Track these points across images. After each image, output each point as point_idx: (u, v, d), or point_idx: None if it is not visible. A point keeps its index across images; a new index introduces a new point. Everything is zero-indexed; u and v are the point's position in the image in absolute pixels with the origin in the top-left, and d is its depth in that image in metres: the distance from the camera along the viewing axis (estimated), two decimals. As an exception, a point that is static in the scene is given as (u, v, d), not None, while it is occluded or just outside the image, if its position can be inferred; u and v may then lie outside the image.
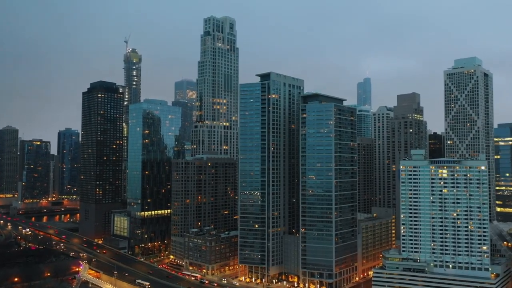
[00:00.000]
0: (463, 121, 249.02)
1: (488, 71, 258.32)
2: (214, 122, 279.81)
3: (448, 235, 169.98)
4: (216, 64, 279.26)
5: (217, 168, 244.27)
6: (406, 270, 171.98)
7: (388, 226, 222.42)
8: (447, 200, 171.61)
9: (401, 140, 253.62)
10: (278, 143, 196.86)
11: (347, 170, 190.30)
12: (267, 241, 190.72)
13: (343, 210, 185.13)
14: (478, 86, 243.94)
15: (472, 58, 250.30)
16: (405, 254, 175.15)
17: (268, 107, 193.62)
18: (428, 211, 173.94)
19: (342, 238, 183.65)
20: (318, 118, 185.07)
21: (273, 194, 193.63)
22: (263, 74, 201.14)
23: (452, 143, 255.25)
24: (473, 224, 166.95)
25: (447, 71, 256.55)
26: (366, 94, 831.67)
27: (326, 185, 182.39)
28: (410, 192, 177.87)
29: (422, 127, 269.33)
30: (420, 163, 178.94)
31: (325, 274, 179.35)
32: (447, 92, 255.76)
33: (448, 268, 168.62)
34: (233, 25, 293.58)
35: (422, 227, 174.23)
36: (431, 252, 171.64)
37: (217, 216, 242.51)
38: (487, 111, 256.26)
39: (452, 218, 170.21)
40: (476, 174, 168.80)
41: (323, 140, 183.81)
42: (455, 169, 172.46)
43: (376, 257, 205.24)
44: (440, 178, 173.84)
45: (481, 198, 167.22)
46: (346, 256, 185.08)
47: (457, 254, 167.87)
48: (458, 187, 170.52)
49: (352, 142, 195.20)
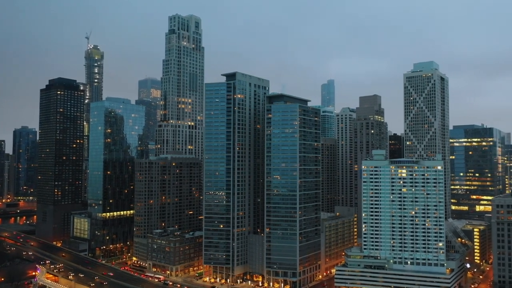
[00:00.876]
0: (421, 122, 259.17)
1: (444, 75, 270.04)
2: (179, 122, 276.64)
3: (406, 233, 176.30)
4: (181, 62, 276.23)
5: (182, 168, 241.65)
6: (367, 267, 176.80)
7: (350, 225, 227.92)
8: (406, 199, 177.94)
9: (363, 140, 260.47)
10: (243, 143, 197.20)
11: (311, 170, 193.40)
12: (232, 241, 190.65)
13: (307, 209, 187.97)
14: (435, 90, 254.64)
15: (429, 62, 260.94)
16: (366, 252, 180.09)
17: (234, 107, 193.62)
18: (388, 210, 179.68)
19: (306, 237, 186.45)
20: (283, 118, 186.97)
21: (238, 194, 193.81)
22: (228, 74, 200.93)
23: (411, 144, 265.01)
24: (430, 221, 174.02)
25: (406, 74, 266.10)
26: (330, 95, 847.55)
27: (291, 185, 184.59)
28: (371, 191, 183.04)
29: (383, 128, 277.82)
30: (381, 163, 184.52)
31: (289, 273, 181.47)
32: (407, 94, 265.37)
33: (407, 264, 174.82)
34: (198, 24, 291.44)
35: (382, 225, 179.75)
36: (391, 249, 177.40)
37: (182, 217, 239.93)
38: (443, 113, 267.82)
39: (411, 216, 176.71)
40: (433, 173, 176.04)
41: (288, 140, 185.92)
42: (413, 169, 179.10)
43: (338, 255, 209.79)
44: (399, 177, 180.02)
45: (437, 197, 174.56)
46: (309, 255, 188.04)
47: (415, 251, 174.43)
48: (416, 186, 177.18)
49: (316, 143, 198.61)
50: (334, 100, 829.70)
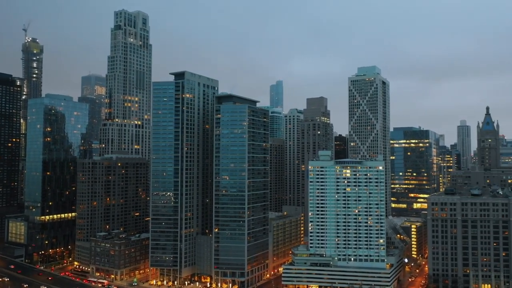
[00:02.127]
0: (364, 124, 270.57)
1: (386, 79, 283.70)
2: (125, 121, 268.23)
3: (350, 231, 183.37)
4: (127, 59, 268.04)
5: (128, 168, 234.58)
6: (313, 265, 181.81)
7: (298, 224, 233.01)
8: (350, 198, 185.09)
9: (310, 141, 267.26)
10: (192, 143, 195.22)
11: (259, 170, 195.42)
12: (180, 242, 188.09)
13: (255, 209, 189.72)
14: (377, 93, 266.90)
15: (372, 67, 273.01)
16: (313, 250, 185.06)
17: (182, 107, 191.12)
18: (333, 209, 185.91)
19: (254, 237, 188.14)
20: (232, 119, 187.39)
21: (187, 194, 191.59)
22: (177, 72, 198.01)
23: (354, 144, 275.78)
24: (372, 219, 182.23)
25: (351, 78, 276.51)
26: (279, 96, 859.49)
27: (239, 185, 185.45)
28: (318, 191, 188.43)
29: (329, 130, 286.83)
30: (327, 163, 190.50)
31: (238, 273, 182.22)
32: (351, 97, 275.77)
33: (350, 261, 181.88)
34: (146, 21, 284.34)
35: (328, 224, 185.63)
36: (336, 246, 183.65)
37: (127, 219, 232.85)
38: (385, 116, 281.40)
39: (354, 215, 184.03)
40: (374, 173, 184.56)
41: (237, 141, 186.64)
42: (357, 169, 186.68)
43: (286, 254, 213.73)
44: (344, 177, 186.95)
45: (378, 196, 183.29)
46: (258, 254, 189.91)
47: (358, 248, 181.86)
48: (359, 186, 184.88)
49: (265, 143, 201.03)
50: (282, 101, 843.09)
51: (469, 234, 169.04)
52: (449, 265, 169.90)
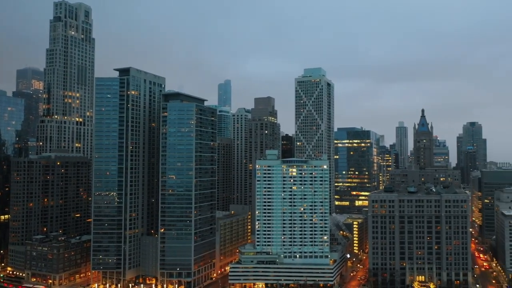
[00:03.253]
0: (310, 124, 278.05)
1: (331, 81, 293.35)
2: (65, 117, 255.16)
3: (296, 228, 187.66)
4: (68, 53, 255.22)
5: (68, 167, 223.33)
6: (260, 263, 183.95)
7: (245, 222, 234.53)
8: (296, 196, 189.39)
9: (257, 140, 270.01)
10: (137, 141, 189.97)
11: (207, 169, 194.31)
12: (124, 244, 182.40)
13: (202, 208, 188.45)
14: (322, 94, 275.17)
15: (318, 68, 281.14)
16: (259, 248, 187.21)
17: (127, 104, 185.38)
18: (280, 207, 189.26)
19: (201, 236, 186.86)
20: (179, 117, 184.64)
21: (131, 194, 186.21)
22: (122, 68, 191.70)
23: (300, 144, 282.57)
24: (316, 217, 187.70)
25: (297, 78, 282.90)
26: (227, 95, 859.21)
27: (186, 184, 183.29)
28: (265, 190, 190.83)
29: (276, 129, 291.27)
30: (274, 162, 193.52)
31: (184, 273, 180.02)
32: (298, 98, 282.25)
33: (296, 258, 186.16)
34: (88, 13, 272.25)
35: (274, 222, 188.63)
36: (282, 244, 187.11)
37: (67, 220, 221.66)
38: (329, 116, 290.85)
39: (300, 213, 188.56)
40: (319, 172, 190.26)
41: (184, 140, 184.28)
42: (303, 168, 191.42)
43: (233, 253, 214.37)
44: (290, 176, 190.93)
45: (323, 194, 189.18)
46: (204, 254, 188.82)
47: (303, 245, 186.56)
48: (305, 184, 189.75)
49: (213, 142, 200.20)
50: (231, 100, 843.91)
51: (406, 229, 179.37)
52: (388, 259, 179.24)
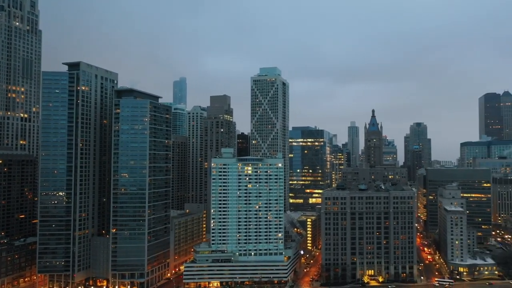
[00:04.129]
0: (266, 123, 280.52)
1: (286, 80, 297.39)
2: (8, 113, 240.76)
3: (251, 226, 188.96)
4: (12, 45, 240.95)
5: (12, 166, 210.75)
6: (215, 261, 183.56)
7: (200, 221, 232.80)
8: (251, 194, 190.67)
9: (213, 139, 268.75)
10: (87, 139, 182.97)
11: (161, 167, 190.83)
12: (73, 245, 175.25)
13: (156, 207, 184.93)
14: (278, 93, 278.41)
15: (273, 68, 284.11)
16: (215, 247, 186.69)
17: (77, 100, 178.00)
18: (235, 205, 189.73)
19: (155, 236, 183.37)
20: (132, 114, 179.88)
21: (81, 194, 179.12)
22: (71, 63, 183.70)
23: (256, 142, 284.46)
24: (271, 214, 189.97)
25: (253, 77, 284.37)
26: (182, 93, 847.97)
27: (140, 183, 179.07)
28: (220, 188, 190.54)
29: (232, 127, 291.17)
30: (229, 160, 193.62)
31: (137, 274, 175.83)
32: (253, 96, 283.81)
33: (251, 255, 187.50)
34: (35, 3, 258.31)
35: (229, 220, 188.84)
36: (237, 242, 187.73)
37: (10, 222, 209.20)
38: (284, 115, 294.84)
39: (255, 210, 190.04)
40: (274, 170, 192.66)
41: (137, 137, 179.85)
42: (258, 166, 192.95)
43: (188, 252, 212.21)
44: (246, 174, 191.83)
45: (278, 192, 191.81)
46: (158, 254, 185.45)
47: (258, 242, 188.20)
48: (260, 182, 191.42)
49: (167, 140, 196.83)
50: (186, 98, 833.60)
51: (357, 225, 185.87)
52: (339, 254, 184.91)
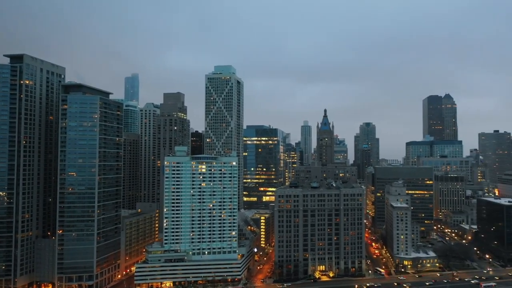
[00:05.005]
0: (220, 121, 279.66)
1: (240, 79, 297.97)
2: None
3: (205, 225, 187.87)
4: None
5: None
6: (168, 261, 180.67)
7: (152, 221, 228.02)
8: (205, 193, 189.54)
9: (166, 137, 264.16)
10: (31, 136, 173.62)
11: (112, 166, 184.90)
12: (15, 248, 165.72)
13: (106, 207, 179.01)
14: (232, 92, 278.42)
15: (228, 66, 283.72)
16: (167, 246, 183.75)
17: (20, 94, 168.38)
18: (189, 204, 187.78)
19: (105, 237, 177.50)
20: (81, 110, 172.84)
21: (24, 194, 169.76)
22: (14, 55, 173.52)
23: (210, 141, 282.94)
24: (225, 213, 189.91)
25: (208, 75, 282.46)
26: (134, 89, 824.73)
27: (89, 182, 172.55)
28: (173, 187, 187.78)
29: (186, 125, 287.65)
30: (183, 159, 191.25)
31: (85, 276, 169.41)
32: (208, 94, 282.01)
33: (204, 254, 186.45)
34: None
35: (183, 219, 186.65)
36: (190, 241, 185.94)
37: None
38: (239, 114, 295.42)
39: (209, 209, 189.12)
40: (229, 169, 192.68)
41: (86, 135, 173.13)
42: (212, 165, 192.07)
43: (139, 252, 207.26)
44: (199, 173, 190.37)
45: (232, 190, 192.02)
46: (108, 255, 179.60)
47: (212, 241, 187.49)
48: (214, 181, 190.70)
49: (118, 138, 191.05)
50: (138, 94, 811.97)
51: (309, 222, 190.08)
52: (292, 251, 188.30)
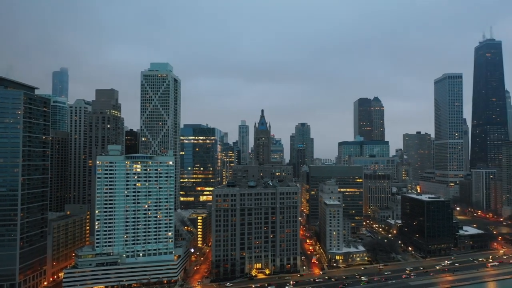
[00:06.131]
0: (156, 120, 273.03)
1: (178, 77, 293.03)
2: None
3: (140, 226, 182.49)
4: None
5: None
6: (100, 265, 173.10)
7: (83, 223, 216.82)
8: (140, 193, 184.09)
9: (99, 135, 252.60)
10: None
11: (37, 166, 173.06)
12: None
13: (31, 210, 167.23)
14: (169, 90, 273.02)
15: (165, 63, 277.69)
16: (99, 250, 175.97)
17: None
18: (123, 205, 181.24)
19: (29, 242, 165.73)
20: (2, 106, 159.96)
21: None
22: None
23: (146, 139, 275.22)
24: (161, 213, 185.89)
25: (144, 72, 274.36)
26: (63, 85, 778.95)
27: (11, 183, 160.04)
28: (106, 187, 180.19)
29: (120, 123, 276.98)
30: (117, 158, 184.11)
31: (6, 285, 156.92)
32: (143, 92, 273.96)
33: (139, 256, 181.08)
34: None
35: (116, 221, 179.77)
36: (124, 244, 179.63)
37: None
38: (176, 112, 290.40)
39: (144, 210, 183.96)
40: (165, 168, 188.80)
41: (8, 132, 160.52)
42: (148, 164, 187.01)
43: (68, 257, 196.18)
44: (134, 172, 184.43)
45: (168, 190, 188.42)
46: (33, 261, 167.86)
47: (147, 243, 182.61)
48: (150, 181, 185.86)
49: (45, 136, 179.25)
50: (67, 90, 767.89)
51: (246, 221, 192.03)
52: (229, 250, 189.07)
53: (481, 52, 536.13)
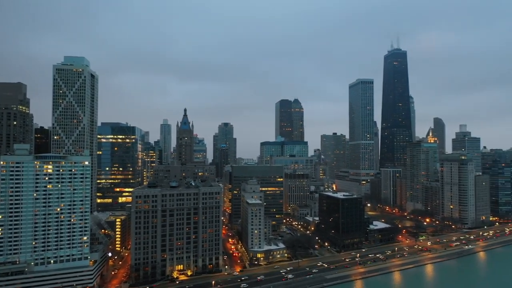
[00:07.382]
0: (70, 117, 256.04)
1: (95, 72, 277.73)
2: None
3: (51, 231, 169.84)
4: None
5: None
6: (4, 275, 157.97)
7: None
8: (52, 196, 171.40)
9: (3, 133, 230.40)
10: None
11: None
12: None
13: None
14: (85, 86, 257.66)
15: (81, 58, 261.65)
16: (3, 258, 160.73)
17: None
18: (31, 209, 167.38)
19: None
20: None
21: None
22: None
23: (59, 138, 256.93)
24: (75, 217, 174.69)
25: (56, 65, 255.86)
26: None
27: None
28: (11, 190, 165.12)
29: (28, 120, 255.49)
30: (24, 158, 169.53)
31: None
32: (56, 87, 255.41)
33: (50, 264, 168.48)
34: None
35: (23, 226, 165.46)
36: (33, 251, 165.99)
37: None
38: (93, 110, 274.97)
39: (56, 213, 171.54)
40: (80, 169, 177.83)
41: None
42: (60, 165, 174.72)
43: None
44: (45, 174, 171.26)
45: (84, 192, 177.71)
46: None
47: (59, 249, 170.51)
48: (63, 182, 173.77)
49: None
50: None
51: (167, 222, 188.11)
52: (150, 253, 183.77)
53: (389, 60, 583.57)
